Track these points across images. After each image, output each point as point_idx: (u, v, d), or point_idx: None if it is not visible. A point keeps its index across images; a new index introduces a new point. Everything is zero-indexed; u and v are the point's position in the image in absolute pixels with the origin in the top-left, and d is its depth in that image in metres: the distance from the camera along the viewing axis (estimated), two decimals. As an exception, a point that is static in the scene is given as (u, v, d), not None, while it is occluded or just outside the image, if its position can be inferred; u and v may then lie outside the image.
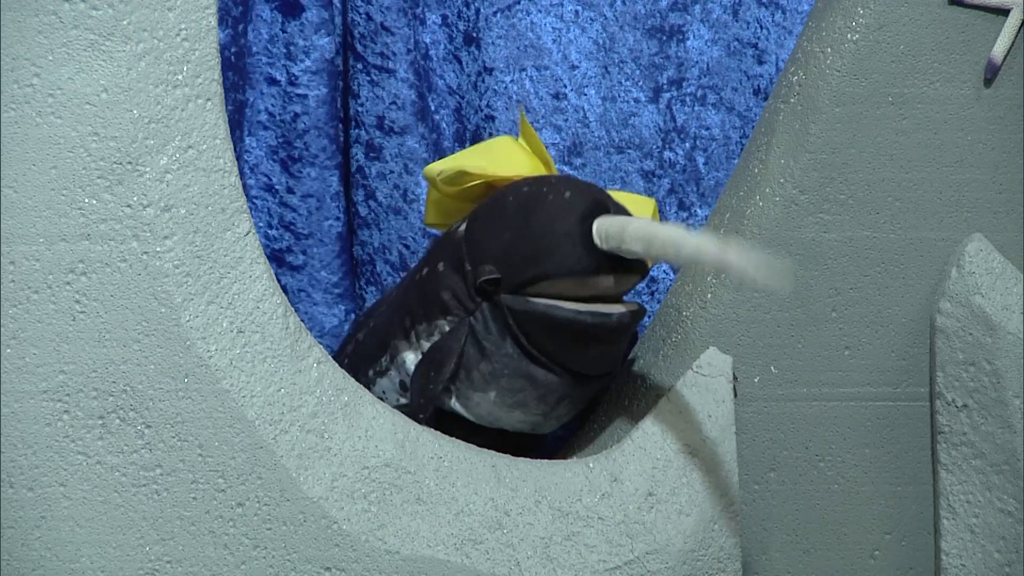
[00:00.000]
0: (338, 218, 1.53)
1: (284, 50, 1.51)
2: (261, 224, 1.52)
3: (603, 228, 1.14)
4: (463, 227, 1.25)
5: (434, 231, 1.49)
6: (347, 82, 1.55)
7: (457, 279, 1.23)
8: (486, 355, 1.20)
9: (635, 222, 1.12)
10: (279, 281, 1.50)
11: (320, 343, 1.50)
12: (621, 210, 1.20)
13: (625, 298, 1.25)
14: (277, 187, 1.52)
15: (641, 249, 1.10)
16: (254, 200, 1.52)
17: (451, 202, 1.32)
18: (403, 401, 1.29)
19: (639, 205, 1.34)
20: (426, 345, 1.26)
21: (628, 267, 1.17)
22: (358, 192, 1.55)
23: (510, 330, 1.19)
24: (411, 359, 1.27)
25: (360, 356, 1.35)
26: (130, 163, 1.09)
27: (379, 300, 1.44)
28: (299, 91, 1.51)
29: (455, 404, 1.24)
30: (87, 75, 1.09)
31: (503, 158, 1.29)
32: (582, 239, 1.15)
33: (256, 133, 1.51)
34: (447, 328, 1.24)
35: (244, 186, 1.49)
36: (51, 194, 1.08)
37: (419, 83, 1.54)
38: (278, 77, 1.51)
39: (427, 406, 1.23)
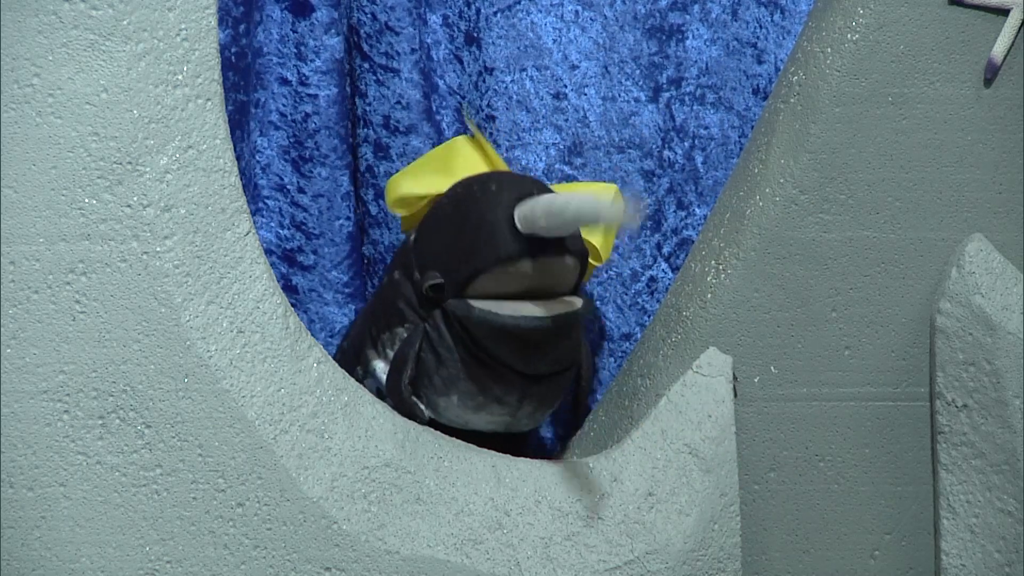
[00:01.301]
0: (349, 218, 1.53)
1: (295, 50, 1.51)
2: (273, 224, 1.52)
3: (521, 211, 1.16)
4: (413, 236, 1.27)
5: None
6: (354, 82, 1.55)
7: (409, 287, 1.24)
8: (442, 361, 1.21)
9: (544, 197, 1.14)
10: (290, 281, 1.51)
11: (331, 343, 1.50)
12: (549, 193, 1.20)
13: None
14: (288, 187, 1.52)
15: (546, 223, 1.12)
16: (266, 200, 1.52)
17: (420, 210, 1.34)
18: None
19: (599, 193, 1.34)
20: (391, 353, 1.27)
21: (556, 249, 1.17)
22: (368, 191, 1.55)
23: (457, 335, 1.20)
24: (381, 367, 1.28)
25: (343, 365, 1.35)
26: (130, 163, 1.09)
27: (363, 309, 1.44)
28: (310, 91, 1.51)
29: (426, 410, 1.24)
30: (87, 75, 1.09)
31: (459, 166, 1.30)
32: (507, 225, 1.16)
33: (268, 133, 1.51)
34: (405, 335, 1.25)
35: (256, 186, 1.50)
36: (51, 194, 1.08)
37: (424, 83, 1.54)
38: (289, 77, 1.51)
39: (404, 411, 1.23)
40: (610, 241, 1.36)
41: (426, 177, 1.32)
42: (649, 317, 1.50)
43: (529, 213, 1.14)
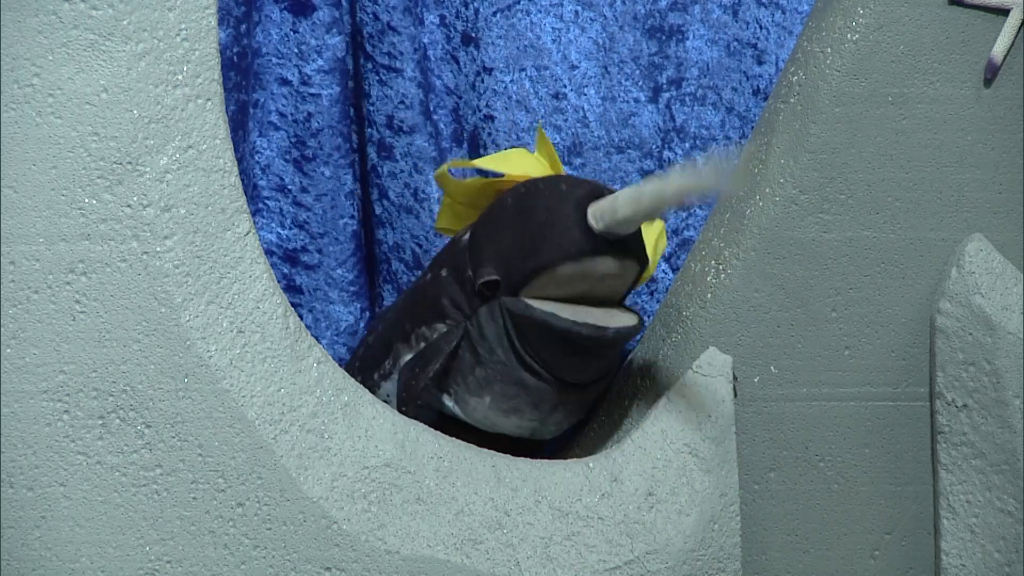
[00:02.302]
0: (352, 216, 1.53)
1: (296, 50, 1.51)
2: (274, 224, 1.52)
3: (596, 208, 1.15)
4: (467, 235, 1.25)
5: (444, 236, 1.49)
6: (359, 82, 1.55)
7: (457, 287, 1.23)
8: (480, 361, 1.20)
9: (623, 191, 1.13)
10: (293, 281, 1.51)
11: (337, 342, 1.51)
12: None
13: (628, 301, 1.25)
14: (290, 187, 1.52)
15: (632, 211, 1.10)
16: (266, 201, 1.52)
17: (462, 208, 1.32)
18: (396, 404, 1.29)
19: (652, 225, 1.33)
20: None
21: (625, 248, 1.17)
22: (373, 191, 1.55)
23: (507, 334, 1.19)
24: None
25: (368, 360, 1.35)
26: (130, 163, 1.09)
27: (390, 305, 1.44)
28: (312, 91, 1.51)
29: (453, 407, 1.23)
30: (87, 75, 1.09)
31: (517, 165, 1.29)
32: (577, 222, 1.15)
33: (267, 134, 1.51)
34: (444, 331, 1.24)
35: (256, 187, 1.50)
36: (51, 194, 1.08)
37: (425, 83, 1.54)
38: (290, 77, 1.51)
39: (410, 400, 1.23)
40: (659, 251, 1.35)
41: (478, 164, 1.32)
42: (649, 317, 1.50)
43: (609, 205, 1.13)
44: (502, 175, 1.28)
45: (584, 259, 1.15)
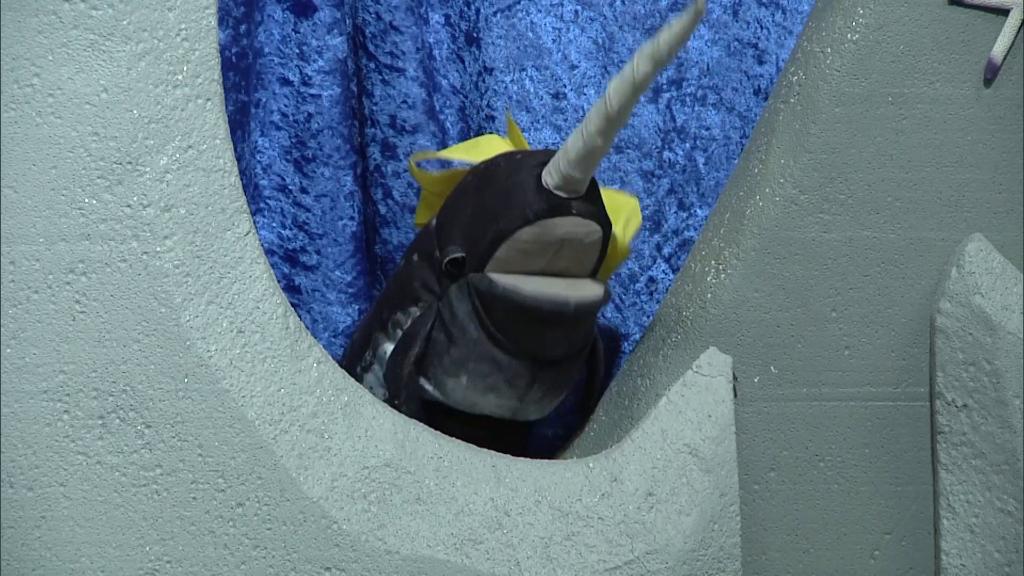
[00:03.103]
0: (352, 217, 1.53)
1: (297, 50, 1.51)
2: (274, 224, 1.52)
3: (548, 165, 1.16)
4: (435, 218, 1.27)
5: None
6: (361, 82, 1.55)
7: (427, 269, 1.24)
8: (453, 341, 1.21)
9: (564, 145, 1.14)
10: (293, 281, 1.51)
11: (334, 343, 1.50)
12: None
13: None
14: (291, 187, 1.52)
15: (576, 154, 1.12)
16: (267, 200, 1.52)
17: (436, 198, 1.34)
18: (388, 395, 1.30)
19: (620, 201, 1.35)
20: (400, 334, 1.27)
21: (584, 207, 1.17)
22: (377, 191, 1.55)
23: (476, 311, 1.20)
24: (390, 349, 1.28)
25: (351, 355, 1.36)
26: (130, 163, 1.09)
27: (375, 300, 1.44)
28: (312, 91, 1.51)
29: (433, 390, 1.24)
30: (87, 75, 1.09)
31: (485, 151, 1.31)
32: (532, 187, 1.16)
33: (269, 134, 1.51)
34: (418, 314, 1.25)
35: (257, 187, 1.50)
36: (51, 194, 1.08)
37: (428, 82, 1.54)
38: (291, 77, 1.51)
39: (400, 391, 1.23)
40: (630, 229, 1.36)
41: (450, 152, 1.33)
42: (648, 318, 1.50)
43: (561, 154, 1.14)
44: (471, 164, 1.29)
45: (541, 220, 1.16)
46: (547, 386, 1.25)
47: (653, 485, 1.17)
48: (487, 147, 1.32)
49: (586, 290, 1.20)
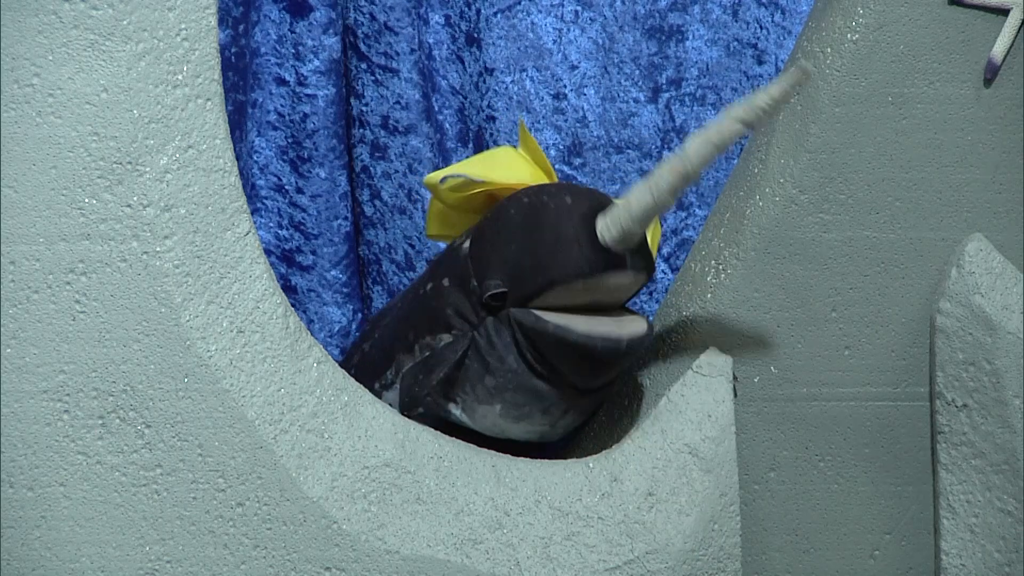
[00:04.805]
0: (347, 218, 1.53)
1: (293, 50, 1.51)
2: (271, 224, 1.52)
3: (606, 220, 1.15)
4: (467, 243, 1.24)
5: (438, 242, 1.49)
6: (350, 82, 1.55)
7: (461, 296, 1.22)
8: (490, 370, 1.20)
9: (625, 204, 1.14)
10: (289, 281, 1.51)
11: (330, 343, 1.50)
12: None
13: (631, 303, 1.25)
14: (287, 187, 1.52)
15: (642, 211, 1.12)
16: (264, 200, 1.52)
17: (453, 213, 1.32)
18: (400, 408, 1.29)
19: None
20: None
21: (635, 260, 1.17)
22: (363, 192, 1.55)
23: (517, 344, 1.19)
24: None
25: (365, 368, 1.34)
26: (130, 163, 1.09)
27: (384, 310, 1.43)
28: (308, 91, 1.51)
29: (460, 415, 1.23)
30: (87, 75, 1.09)
31: (505, 167, 1.29)
32: (587, 239, 1.15)
33: (266, 133, 1.51)
34: (450, 341, 1.23)
35: (254, 186, 1.50)
36: (51, 194, 1.08)
37: (423, 83, 1.54)
38: (287, 77, 1.51)
39: (412, 406, 1.23)
40: (655, 241, 1.35)
41: (470, 168, 1.30)
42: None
43: (623, 212, 1.14)
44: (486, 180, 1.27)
45: (596, 276, 1.16)
46: (580, 412, 1.24)
47: (653, 485, 1.17)
48: (504, 162, 1.30)
49: (634, 326, 1.19)
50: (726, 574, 1.17)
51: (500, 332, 1.19)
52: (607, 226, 1.15)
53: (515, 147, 1.35)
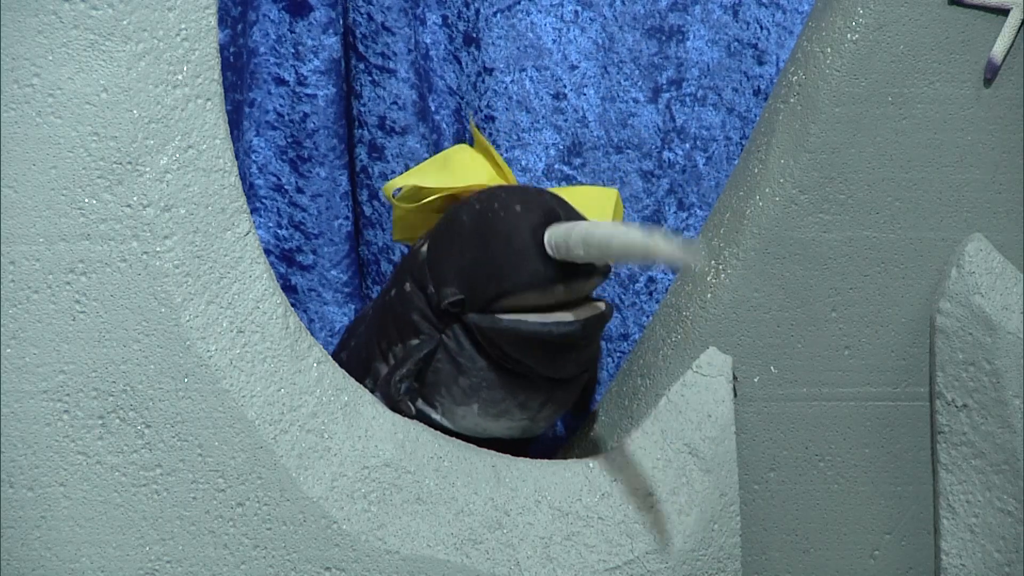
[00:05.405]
0: (347, 217, 1.53)
1: (292, 50, 1.51)
2: (271, 224, 1.52)
3: (552, 239, 1.15)
4: (424, 247, 1.25)
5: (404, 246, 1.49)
6: (349, 82, 1.55)
7: (423, 299, 1.23)
8: (463, 371, 1.20)
9: (577, 227, 1.13)
10: (289, 281, 1.50)
11: (330, 343, 1.50)
12: (572, 214, 1.20)
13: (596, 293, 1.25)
14: (287, 187, 1.52)
15: (584, 252, 1.11)
16: (263, 200, 1.52)
17: (414, 216, 1.33)
18: None
19: (600, 197, 1.34)
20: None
21: (586, 272, 1.17)
22: (362, 192, 1.55)
23: (481, 346, 1.20)
24: None
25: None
26: (130, 163, 1.09)
27: (358, 318, 1.43)
28: (308, 91, 1.51)
29: (440, 419, 1.23)
30: (87, 75, 1.09)
31: (460, 168, 1.30)
32: (536, 252, 1.15)
33: (264, 133, 1.51)
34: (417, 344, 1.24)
35: (253, 186, 1.50)
36: (51, 194, 1.08)
37: (420, 83, 1.54)
38: (286, 77, 1.51)
39: (392, 406, 1.23)
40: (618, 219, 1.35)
41: (423, 175, 1.31)
42: (648, 318, 1.50)
43: (563, 241, 1.13)
44: (441, 188, 1.28)
45: (547, 287, 1.16)
46: (559, 403, 1.24)
47: (653, 485, 1.17)
48: (460, 165, 1.30)
49: (590, 310, 1.20)
50: (726, 574, 1.17)
51: (467, 335, 1.20)
52: (551, 243, 1.15)
53: (471, 145, 1.36)
